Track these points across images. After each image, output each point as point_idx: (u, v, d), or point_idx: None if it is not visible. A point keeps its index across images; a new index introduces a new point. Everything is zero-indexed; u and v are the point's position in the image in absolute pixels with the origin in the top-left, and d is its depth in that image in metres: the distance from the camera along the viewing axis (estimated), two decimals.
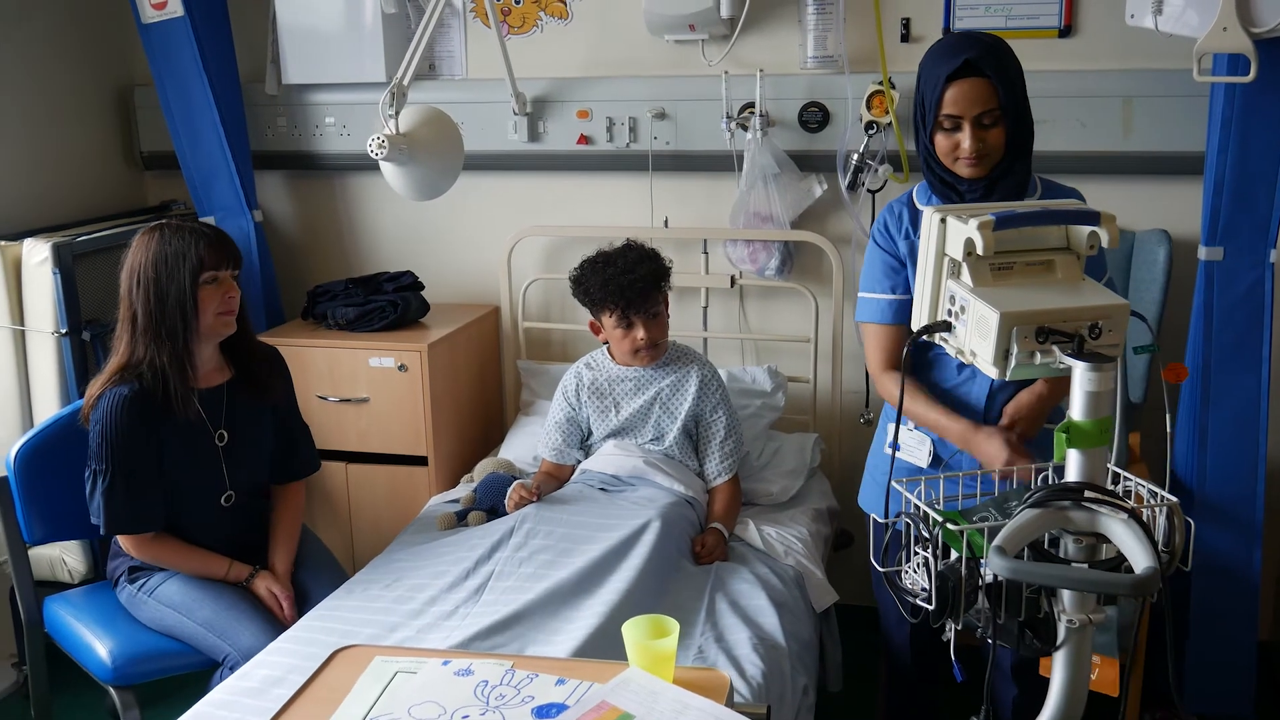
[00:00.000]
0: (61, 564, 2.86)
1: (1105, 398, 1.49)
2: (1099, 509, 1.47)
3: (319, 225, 3.50)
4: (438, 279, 3.36)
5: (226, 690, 1.96)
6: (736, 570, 2.40)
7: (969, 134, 2.04)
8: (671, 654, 1.63)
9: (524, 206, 3.30)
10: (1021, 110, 2.08)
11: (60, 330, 2.75)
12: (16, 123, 3.08)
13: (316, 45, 3.20)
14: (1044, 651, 1.60)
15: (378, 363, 2.98)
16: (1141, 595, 1.42)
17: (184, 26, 3.03)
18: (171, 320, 2.32)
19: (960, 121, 2.05)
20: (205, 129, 3.13)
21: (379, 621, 2.16)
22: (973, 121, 2.04)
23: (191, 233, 2.35)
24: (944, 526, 1.56)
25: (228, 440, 2.46)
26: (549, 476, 2.74)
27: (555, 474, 2.76)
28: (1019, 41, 2.81)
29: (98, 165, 3.40)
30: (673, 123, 3.07)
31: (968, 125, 2.04)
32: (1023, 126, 2.09)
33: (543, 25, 3.18)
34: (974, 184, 2.14)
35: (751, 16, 2.98)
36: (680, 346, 2.78)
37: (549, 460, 2.78)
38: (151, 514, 2.38)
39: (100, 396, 2.34)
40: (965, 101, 2.03)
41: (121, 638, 2.42)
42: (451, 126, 2.71)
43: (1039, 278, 1.63)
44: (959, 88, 2.03)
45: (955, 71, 2.03)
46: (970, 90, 2.03)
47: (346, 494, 3.10)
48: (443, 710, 1.61)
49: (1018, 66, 2.08)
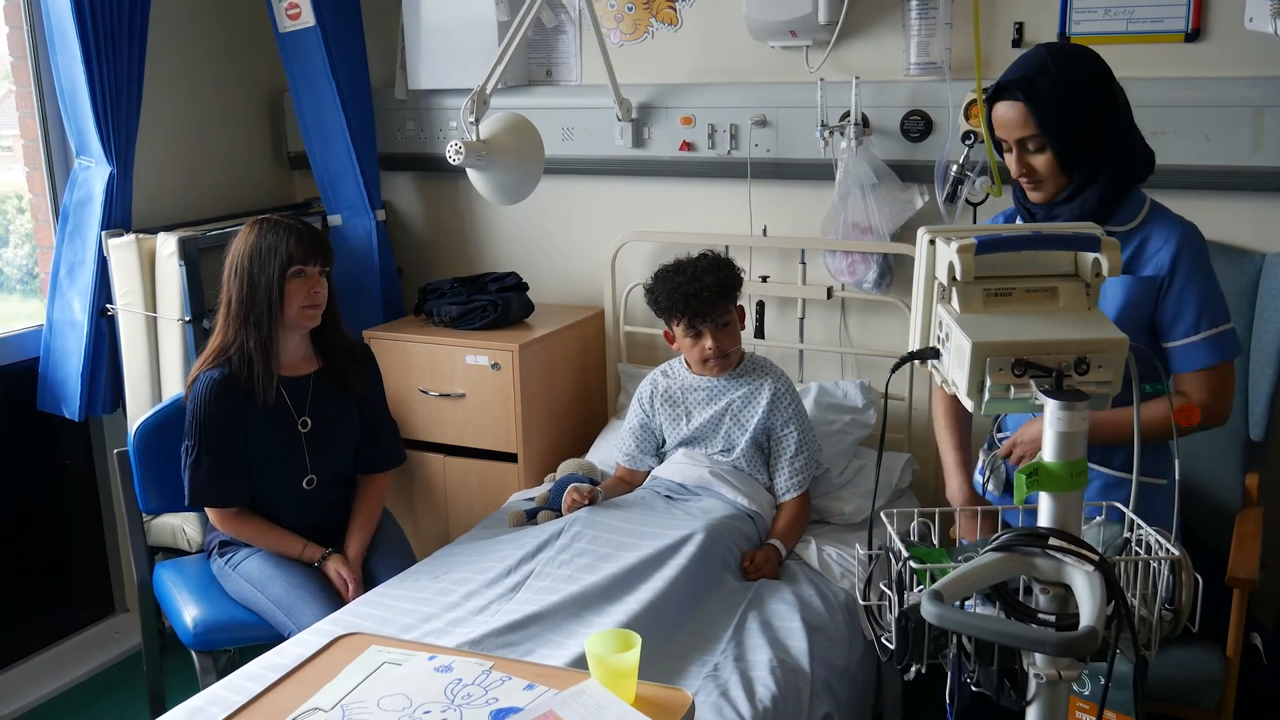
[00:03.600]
0: (182, 533, 3.09)
1: (1078, 439, 1.39)
2: (1064, 558, 1.37)
3: (441, 225, 3.64)
4: (547, 281, 3.44)
5: (260, 664, 2.08)
6: (778, 590, 2.36)
7: (1015, 157, 1.99)
8: (631, 669, 1.62)
9: (629, 212, 3.33)
10: (1072, 133, 1.96)
11: (185, 318, 2.97)
12: (177, 125, 3.35)
13: (441, 52, 3.32)
14: (1019, 705, 1.51)
15: (473, 360, 3.07)
16: (1070, 656, 1.32)
17: (315, 35, 3.22)
18: (260, 309, 2.48)
19: (1008, 144, 1.99)
20: (333, 132, 3.32)
21: (416, 611, 2.24)
22: (1017, 145, 1.97)
23: (286, 229, 2.51)
24: (906, 562, 1.49)
25: (310, 427, 2.60)
26: (621, 481, 2.77)
27: (628, 479, 2.78)
28: (1141, 47, 2.67)
29: (250, 165, 3.65)
30: (773, 130, 3.02)
31: (1014, 148, 1.98)
32: (1083, 148, 1.97)
33: (653, 31, 3.20)
34: (1039, 208, 2.06)
35: (856, 22, 2.90)
36: (756, 358, 2.75)
37: (622, 465, 2.80)
38: (234, 490, 2.55)
39: (196, 378, 2.53)
40: (1003, 126, 2.00)
41: (207, 606, 2.60)
42: (532, 133, 2.77)
43: (1038, 306, 1.53)
44: (997, 111, 2.01)
45: (993, 94, 1.97)
46: (1004, 114, 1.99)
47: (444, 485, 3.21)
48: (409, 703, 1.66)
49: (1071, 84, 1.96)
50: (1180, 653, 2.28)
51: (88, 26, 2.80)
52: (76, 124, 2.94)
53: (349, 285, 3.36)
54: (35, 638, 3.20)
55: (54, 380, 3.07)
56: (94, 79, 2.84)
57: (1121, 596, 1.34)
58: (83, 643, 3.29)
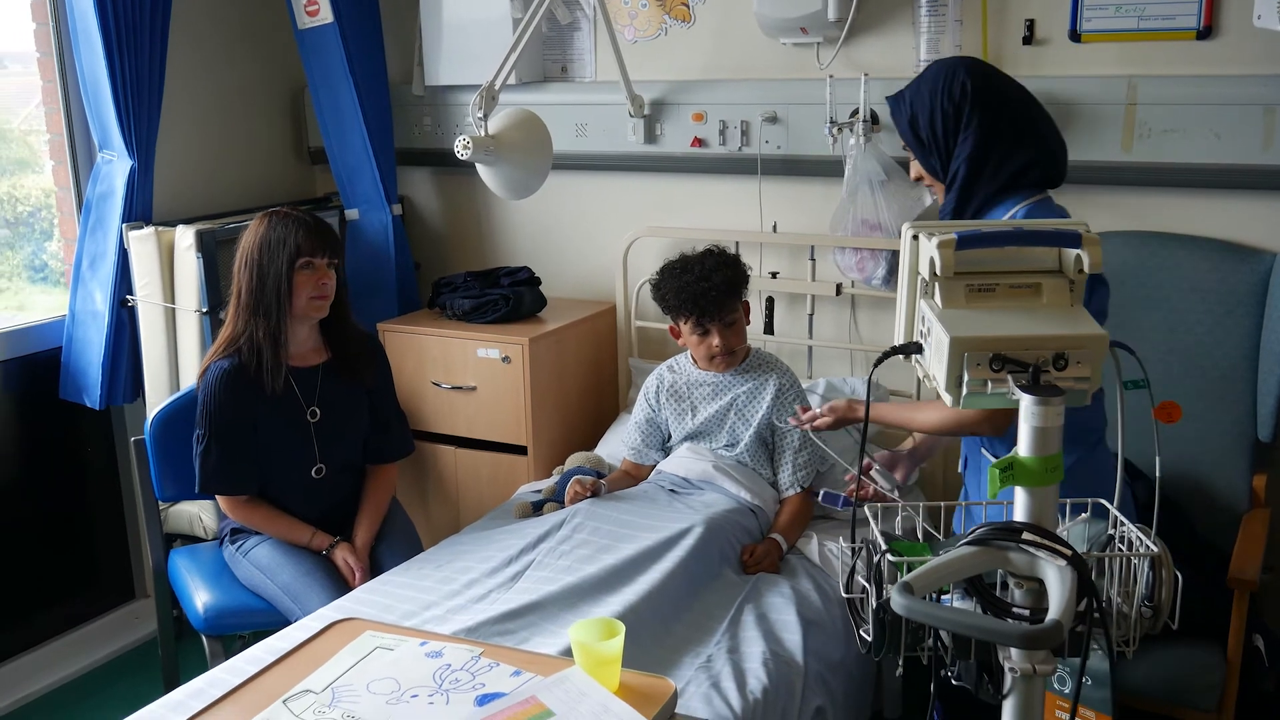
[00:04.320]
0: (199, 520, 3.15)
1: (1053, 434, 1.39)
2: (1038, 552, 1.38)
3: (458, 219, 3.68)
4: (559, 275, 3.47)
5: (262, 648, 2.12)
6: (776, 584, 2.37)
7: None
8: (614, 657, 1.64)
9: (641, 207, 3.35)
10: (923, 140, 2.08)
11: (202, 309, 3.03)
12: (198, 120, 3.41)
13: (458, 48, 3.36)
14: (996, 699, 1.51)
15: (484, 353, 3.11)
16: (1035, 649, 1.32)
17: (333, 32, 3.26)
18: (269, 300, 2.53)
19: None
20: (351, 128, 3.36)
21: (417, 599, 2.28)
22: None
23: (295, 221, 2.55)
24: (884, 555, 1.50)
25: (319, 417, 2.64)
26: (626, 475, 2.79)
27: (633, 473, 2.80)
28: (1152, 44, 2.66)
29: (271, 159, 3.71)
30: (784, 126, 3.03)
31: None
32: (939, 158, 2.07)
33: (666, 28, 3.21)
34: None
35: (866, 19, 2.91)
36: (762, 354, 2.76)
37: (628, 459, 2.82)
38: (243, 478, 2.60)
39: (207, 368, 2.58)
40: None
41: (218, 592, 2.65)
42: (541, 128, 2.80)
43: (1021, 301, 1.53)
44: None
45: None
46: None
47: (455, 477, 3.25)
48: (397, 687, 1.69)
49: (917, 94, 2.09)
50: (1180, 653, 2.27)
51: (110, 22, 2.86)
52: (99, 118, 3.00)
53: (365, 278, 3.40)
54: (58, 621, 3.26)
55: (76, 369, 3.13)
56: (116, 74, 2.90)
57: (1094, 592, 1.35)
58: (102, 627, 3.36)
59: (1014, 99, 2.06)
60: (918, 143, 2.09)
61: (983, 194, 2.02)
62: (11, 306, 3.27)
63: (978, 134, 2.01)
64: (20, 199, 3.32)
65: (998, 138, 2.01)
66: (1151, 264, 2.67)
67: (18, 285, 3.30)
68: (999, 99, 2.03)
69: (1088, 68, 2.74)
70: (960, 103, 2.01)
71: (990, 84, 2.04)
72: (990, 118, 2.01)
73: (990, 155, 2.01)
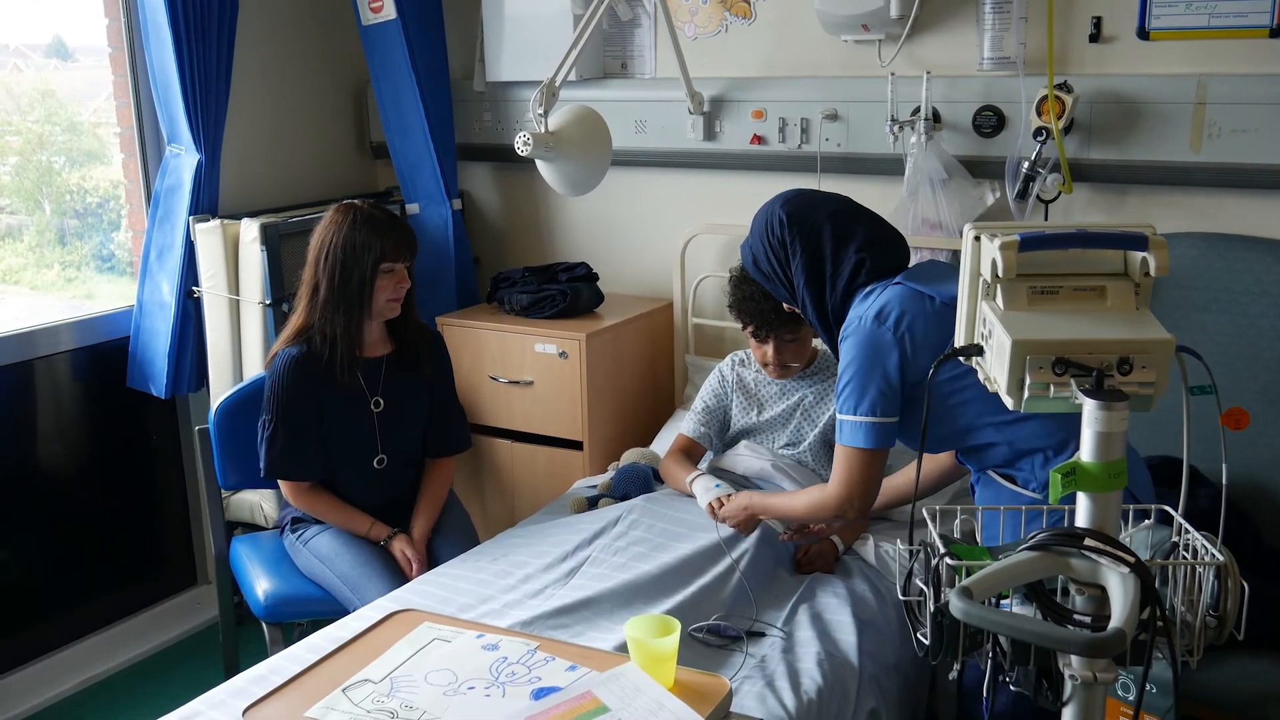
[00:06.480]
0: (260, 509, 3.21)
1: (1117, 439, 1.37)
2: (1100, 559, 1.36)
3: (517, 215, 3.70)
4: (617, 272, 3.48)
5: (321, 636, 2.15)
6: (831, 584, 2.36)
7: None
8: (670, 654, 1.65)
9: (700, 204, 3.35)
10: (767, 277, 2.25)
11: (265, 301, 3.08)
12: (264, 115, 3.47)
13: (520, 44, 3.38)
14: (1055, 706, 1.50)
15: (541, 349, 3.13)
16: (1098, 656, 1.31)
17: (396, 28, 3.29)
18: (350, 300, 2.57)
19: None
20: (412, 123, 3.40)
21: (474, 592, 2.30)
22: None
23: (381, 224, 2.58)
24: (943, 559, 1.49)
25: (383, 408, 2.68)
26: (682, 452, 2.77)
27: (689, 450, 2.78)
28: (1223, 43, 2.60)
29: (334, 154, 3.76)
30: (844, 124, 3.01)
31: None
32: (781, 284, 2.23)
33: (727, 25, 3.21)
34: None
35: (929, 17, 2.88)
36: (830, 357, 2.74)
37: (686, 435, 2.79)
38: (307, 464, 2.64)
39: (275, 355, 2.62)
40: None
41: (278, 580, 2.70)
42: (600, 125, 2.80)
43: (1085, 304, 1.51)
44: None
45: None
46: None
47: (511, 471, 3.28)
48: (454, 678, 1.72)
49: (755, 241, 2.25)
50: (1244, 663, 2.23)
51: (179, 18, 2.92)
52: (168, 112, 3.06)
53: (425, 272, 3.44)
54: (122, 606, 3.34)
55: (143, 359, 3.20)
56: (185, 69, 2.96)
57: (1157, 600, 1.33)
58: (166, 612, 3.43)
59: (830, 213, 2.19)
60: (764, 279, 2.26)
61: (831, 303, 2.17)
62: (80, 295, 3.35)
63: (804, 255, 2.17)
64: (89, 190, 3.40)
65: (820, 253, 2.16)
66: (1219, 266, 2.62)
67: (86, 274, 3.38)
68: (814, 219, 2.17)
69: (1156, 66, 2.70)
70: (782, 234, 2.18)
71: (804, 208, 2.19)
72: (811, 238, 2.17)
73: (822, 269, 2.17)
